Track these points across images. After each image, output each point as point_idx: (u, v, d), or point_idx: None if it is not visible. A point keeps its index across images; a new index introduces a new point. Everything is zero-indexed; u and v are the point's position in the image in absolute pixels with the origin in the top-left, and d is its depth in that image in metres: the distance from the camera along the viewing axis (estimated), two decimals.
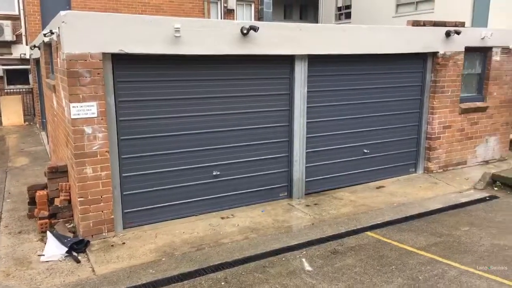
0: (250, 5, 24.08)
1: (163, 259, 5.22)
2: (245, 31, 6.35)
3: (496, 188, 8.00)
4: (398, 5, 20.25)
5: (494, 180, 8.20)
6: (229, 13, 22.28)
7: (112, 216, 5.89)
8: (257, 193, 7.18)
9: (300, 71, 7.17)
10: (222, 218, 6.57)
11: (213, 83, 6.53)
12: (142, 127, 6.09)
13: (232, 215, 6.68)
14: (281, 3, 28.74)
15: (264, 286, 4.56)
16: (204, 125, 6.54)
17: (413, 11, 19.23)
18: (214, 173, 6.72)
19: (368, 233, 6.01)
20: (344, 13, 23.56)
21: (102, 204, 5.77)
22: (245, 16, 23.75)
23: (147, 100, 6.08)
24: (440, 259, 5.06)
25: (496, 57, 9.28)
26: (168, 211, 6.44)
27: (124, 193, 6.07)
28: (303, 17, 29.84)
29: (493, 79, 9.35)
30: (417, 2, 19.36)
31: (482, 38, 8.86)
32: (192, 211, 6.64)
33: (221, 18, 21.59)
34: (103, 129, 5.64)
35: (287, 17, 29.38)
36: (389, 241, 5.70)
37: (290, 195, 7.47)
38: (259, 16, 23.52)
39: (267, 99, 7.01)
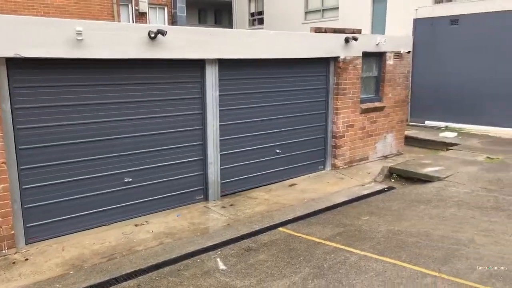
0: (163, 8, 23.70)
1: (71, 272, 4.98)
2: (152, 35, 6.31)
3: (393, 180, 8.84)
4: (306, 13, 21.35)
5: (391, 173, 9.05)
6: (141, 16, 21.73)
7: (13, 232, 5.47)
8: (172, 197, 7.14)
9: (211, 75, 7.29)
10: (136, 225, 6.44)
11: (120, 88, 6.38)
12: (44, 135, 5.75)
13: (146, 222, 6.58)
14: (195, 7, 28.72)
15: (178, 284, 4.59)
16: (113, 131, 6.36)
17: (320, 18, 20.42)
18: (125, 180, 6.55)
19: (280, 229, 6.29)
20: (257, 18, 24.25)
21: (0, 219, 5.34)
22: (158, 20, 23.31)
23: (49, 107, 5.76)
24: (343, 247, 5.49)
25: (390, 61, 10.26)
26: (77, 223, 6.15)
27: (25, 206, 5.68)
28: (217, 22, 30.10)
29: (388, 81, 10.32)
30: (323, 10, 20.58)
31: (377, 44, 9.74)
32: (103, 220, 6.41)
33: (132, 21, 20.97)
34: None
35: (201, 21, 29.44)
36: (299, 234, 6.03)
37: (206, 198, 7.54)
38: (173, 20, 23.27)
39: (179, 103, 7.02)
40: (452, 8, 14.10)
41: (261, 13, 23.79)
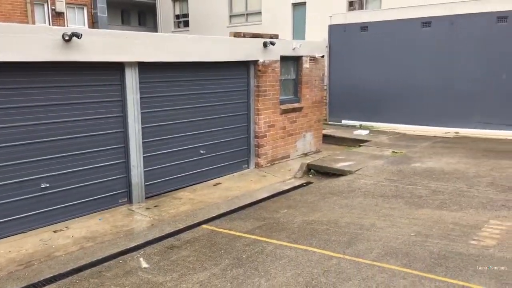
0: (83, 8, 22.77)
1: None
2: (67, 38, 6.24)
3: (311, 176, 9.49)
4: (231, 16, 21.80)
5: (310, 169, 9.70)
6: (58, 16, 20.69)
7: None
8: (94, 202, 7.07)
9: (131, 78, 7.33)
10: (55, 231, 6.31)
11: (34, 91, 6.22)
12: None
13: (66, 227, 6.46)
14: (118, 8, 27.91)
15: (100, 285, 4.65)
16: (28, 136, 6.18)
17: (245, 22, 20.97)
18: (42, 186, 6.39)
19: (204, 226, 6.54)
20: (182, 21, 24.24)
21: None
22: (77, 20, 22.34)
23: None
24: (261, 238, 5.88)
25: (306, 64, 10.95)
26: None
27: None
28: (142, 24, 29.53)
29: (305, 83, 11.01)
30: (247, 14, 21.16)
31: (294, 49, 10.37)
32: (20, 228, 6.20)
33: (48, 22, 19.91)
34: None
35: (125, 22, 28.69)
36: (221, 230, 6.32)
37: (130, 201, 7.56)
38: (94, 21, 22.45)
39: (98, 106, 6.98)
40: (363, 16, 15.32)
41: (186, 15, 23.82)
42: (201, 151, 8.80)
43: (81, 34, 6.32)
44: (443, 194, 7.32)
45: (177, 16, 24.58)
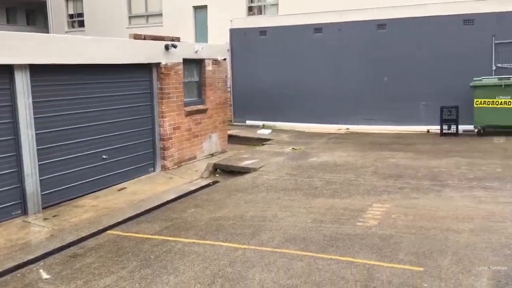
0: None
1: None
2: None
3: (217, 175, 9.78)
4: (130, 17, 21.21)
5: (216, 169, 9.98)
6: None
7: None
8: None
9: (22, 81, 6.89)
10: None
11: None
12: None
13: None
14: (2, 6, 25.37)
15: None
16: None
17: (145, 24, 20.57)
18: None
19: (109, 231, 6.42)
20: (77, 20, 22.90)
21: None
22: None
23: None
24: (169, 238, 5.98)
25: (209, 67, 11.22)
26: None
27: None
28: (30, 23, 27.23)
29: (209, 85, 11.26)
30: (147, 16, 20.78)
31: (196, 51, 10.56)
32: None
33: None
34: None
35: (11, 21, 26.21)
36: (128, 234, 6.27)
37: (25, 212, 7.08)
38: None
39: None
40: (261, 21, 16.09)
41: (81, 15, 22.56)
42: (104, 156, 8.55)
43: None
44: (335, 184, 8.11)
45: (71, 16, 23.16)
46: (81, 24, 22.52)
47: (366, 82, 14.21)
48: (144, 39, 9.36)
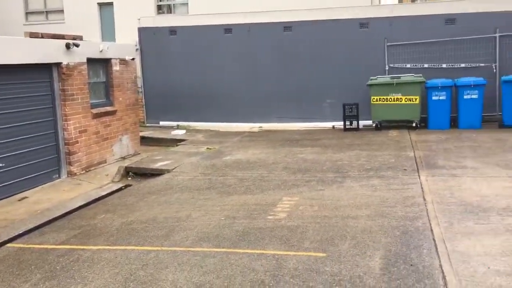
0: None
1: None
2: None
3: (130, 178, 9.51)
4: (28, 13, 19.59)
5: (128, 172, 9.70)
6: None
7: None
8: None
9: None
10: None
11: None
12: None
13: None
14: None
15: None
16: None
17: (45, 20, 19.14)
18: None
19: (9, 245, 5.96)
20: None
21: None
22: None
23: None
24: (77, 247, 5.72)
25: (116, 67, 10.83)
26: None
27: None
28: None
29: (117, 86, 10.88)
30: (47, 12, 19.35)
31: (101, 51, 10.14)
32: None
33: None
34: None
35: None
36: (30, 246, 5.88)
37: None
38: None
39: None
40: (171, 20, 15.90)
41: None
42: (0, 164, 7.87)
43: None
44: (248, 181, 8.37)
45: None
46: None
47: (276, 81, 14.78)
48: (42, 37, 8.76)
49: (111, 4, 18.07)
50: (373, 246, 5.22)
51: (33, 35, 8.61)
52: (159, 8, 17.87)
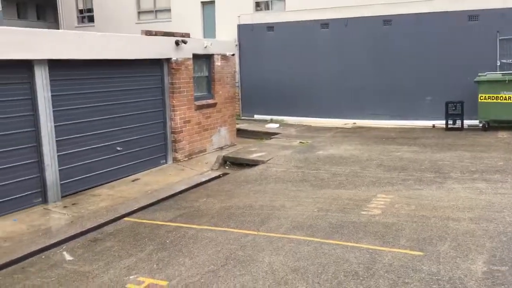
0: None
1: None
2: None
3: (227, 167, 10.09)
4: (139, 13, 21.50)
5: (225, 161, 10.30)
6: None
7: None
8: (6, 203, 6.87)
9: (41, 76, 7.23)
10: None
11: None
12: None
13: None
14: (13, 1, 25.80)
15: (25, 282, 4.73)
16: None
17: (154, 19, 20.85)
18: None
19: (126, 219, 6.77)
20: (86, 16, 23.24)
21: None
22: None
23: None
24: (183, 225, 6.31)
25: (218, 62, 11.50)
26: None
27: None
28: (41, 18, 27.64)
29: (218, 80, 11.56)
30: (156, 11, 21.06)
31: (205, 47, 10.85)
32: None
33: None
34: None
35: (21, 17, 26.65)
36: (143, 221, 6.62)
37: (45, 200, 7.44)
38: None
39: (5, 106, 6.79)
40: (268, 17, 16.31)
41: (90, 10, 22.89)
42: (118, 148, 8.89)
43: None
44: (341, 176, 8.39)
45: (81, 11, 23.50)
46: (91, 19, 22.85)
47: (372, 77, 14.42)
48: (156, 35, 9.66)
49: (213, 2, 19.09)
50: (476, 249, 4.97)
51: (148, 33, 9.55)
52: (257, 5, 18.43)
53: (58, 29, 21.54)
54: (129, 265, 5.06)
